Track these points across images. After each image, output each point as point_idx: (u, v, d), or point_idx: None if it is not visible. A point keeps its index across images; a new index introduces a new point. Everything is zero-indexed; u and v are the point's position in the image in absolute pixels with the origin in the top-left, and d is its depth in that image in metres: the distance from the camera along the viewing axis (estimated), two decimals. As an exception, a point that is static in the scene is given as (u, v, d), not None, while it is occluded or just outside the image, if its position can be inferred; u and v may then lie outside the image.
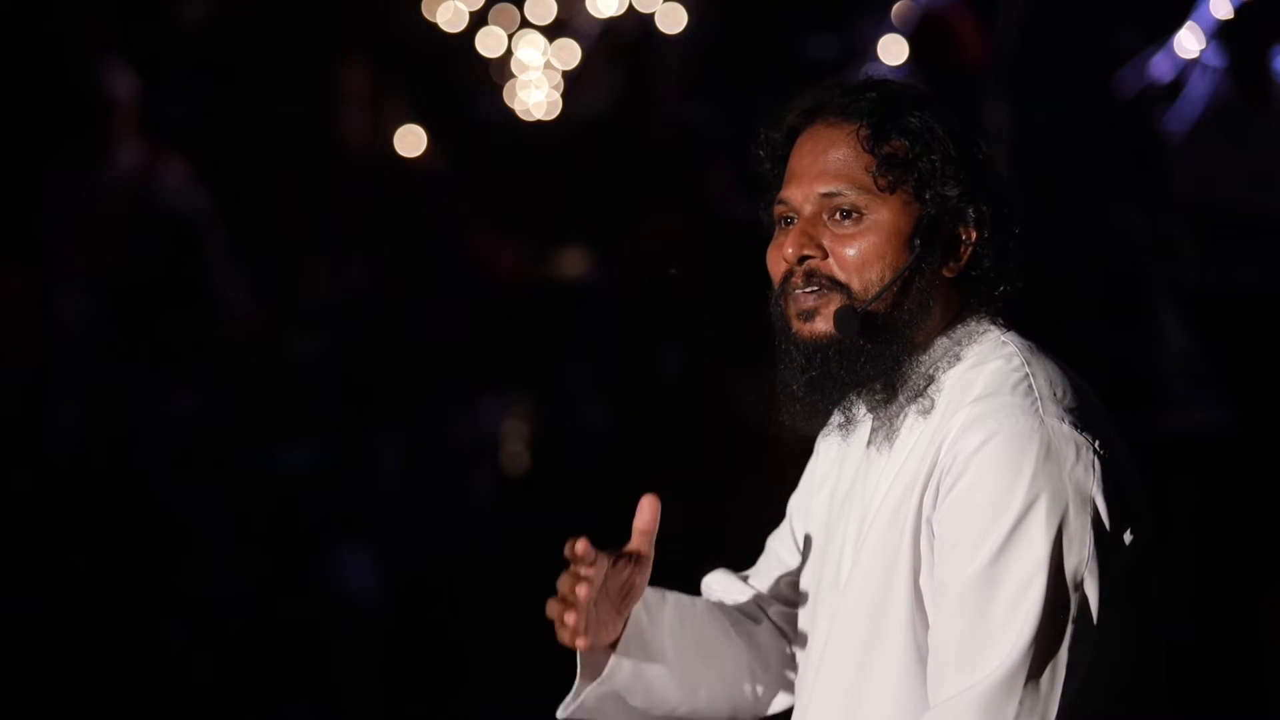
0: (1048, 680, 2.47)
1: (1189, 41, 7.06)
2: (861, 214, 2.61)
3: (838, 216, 2.62)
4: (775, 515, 2.99)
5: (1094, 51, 7.12)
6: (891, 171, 2.60)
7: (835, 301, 2.61)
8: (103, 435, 7.13)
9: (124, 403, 7.16)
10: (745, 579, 2.94)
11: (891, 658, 2.59)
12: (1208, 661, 6.01)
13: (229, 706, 6.58)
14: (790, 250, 2.63)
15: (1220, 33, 7.00)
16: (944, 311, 2.65)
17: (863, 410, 2.69)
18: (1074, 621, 2.47)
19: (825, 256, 2.62)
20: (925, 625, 2.56)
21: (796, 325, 2.64)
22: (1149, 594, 2.58)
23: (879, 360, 2.61)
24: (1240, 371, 6.66)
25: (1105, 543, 2.49)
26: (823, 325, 2.62)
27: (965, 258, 2.63)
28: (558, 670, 7.09)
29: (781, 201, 2.67)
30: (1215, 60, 7.03)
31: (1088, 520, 2.49)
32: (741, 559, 6.94)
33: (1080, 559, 2.48)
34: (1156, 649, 2.62)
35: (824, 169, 2.63)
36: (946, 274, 2.63)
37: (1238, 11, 6.94)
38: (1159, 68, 7.13)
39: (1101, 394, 2.68)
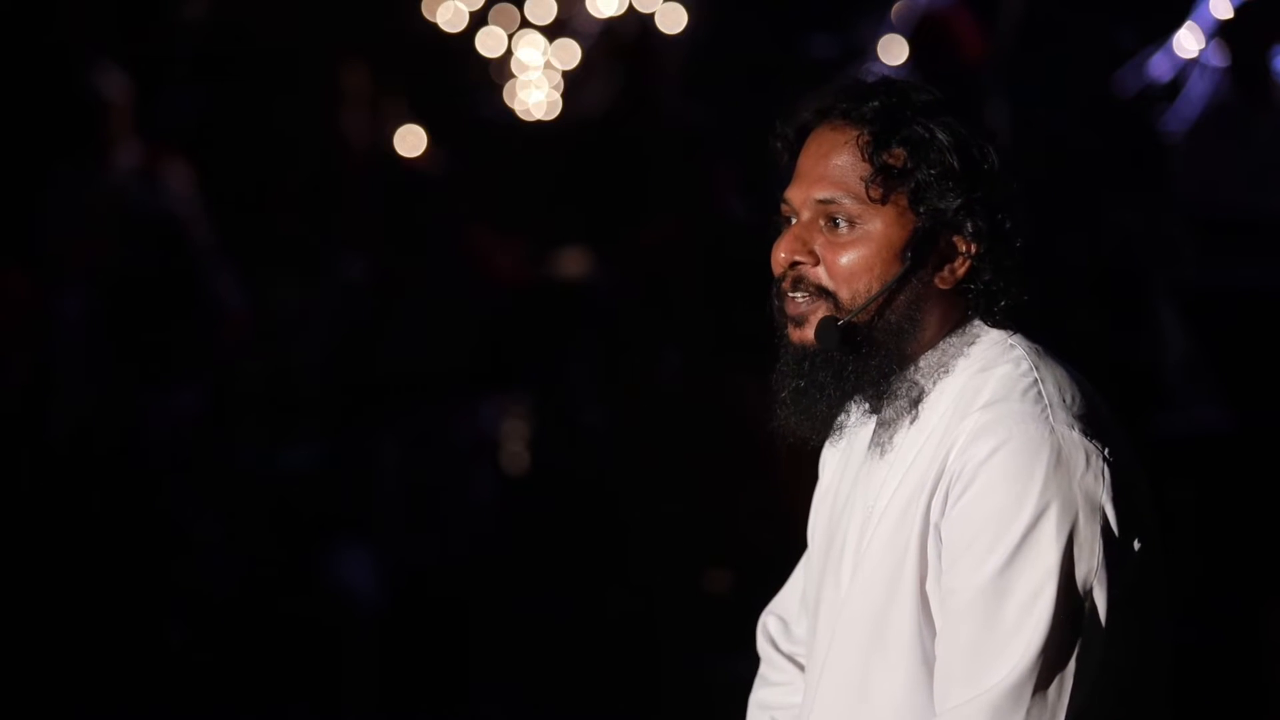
0: (1055, 689, 2.47)
1: (1189, 41, 7.06)
2: (855, 223, 2.60)
3: (833, 224, 2.62)
4: (776, 514, 2.99)
5: (1094, 51, 7.12)
6: (887, 182, 2.58)
7: (822, 309, 2.62)
8: (103, 435, 7.14)
9: (124, 402, 7.16)
10: (787, 624, 2.90)
11: (897, 663, 2.58)
12: (1209, 662, 6.00)
13: (229, 705, 6.58)
14: (782, 255, 2.64)
15: (1220, 33, 7.00)
16: (941, 323, 2.64)
17: (855, 418, 2.69)
18: (1083, 631, 2.48)
19: (816, 263, 2.62)
20: (932, 631, 2.56)
21: (789, 329, 2.65)
22: (1155, 600, 2.58)
23: (865, 371, 2.61)
24: (1240, 371, 6.65)
25: (1114, 551, 2.49)
26: (810, 332, 2.63)
27: (962, 271, 2.61)
28: (557, 670, 7.07)
29: (785, 201, 2.67)
30: (1215, 60, 7.02)
31: (1097, 529, 2.48)
32: (741, 558, 6.92)
33: (1090, 568, 2.48)
34: (1161, 654, 2.62)
35: (823, 174, 2.62)
36: (941, 285, 2.61)
37: (1238, 11, 6.94)
38: (1159, 68, 7.13)
39: (1101, 395, 2.68)
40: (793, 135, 2.68)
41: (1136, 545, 2.52)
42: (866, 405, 2.65)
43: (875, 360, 2.61)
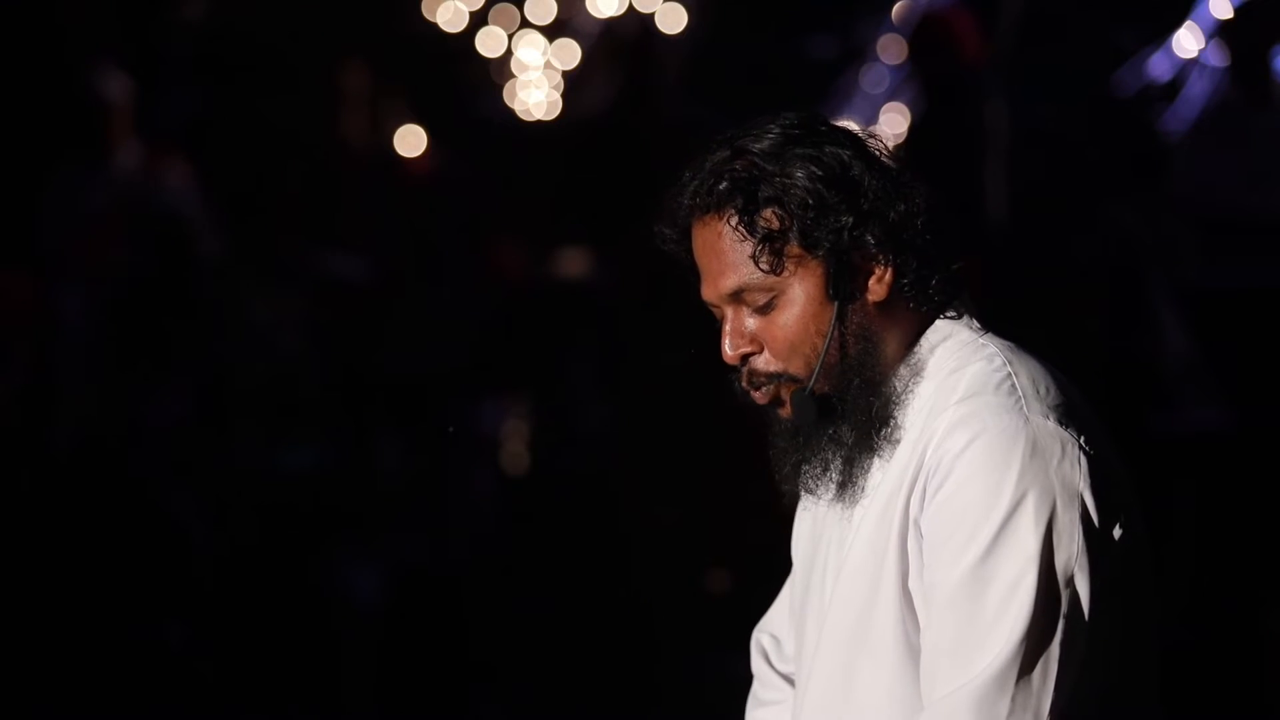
0: (1039, 676, 2.48)
1: (1189, 41, 7.07)
2: (772, 295, 2.61)
3: (755, 307, 2.62)
4: (774, 515, 2.99)
5: (1094, 51, 7.13)
6: (774, 248, 2.57)
7: (787, 386, 2.63)
8: (103, 435, 7.14)
9: (124, 403, 7.17)
10: (779, 641, 2.92)
11: (882, 660, 2.59)
12: (1207, 662, 6.01)
13: (229, 706, 6.59)
14: (730, 353, 2.64)
15: (1220, 33, 7.00)
16: (902, 332, 2.64)
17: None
18: (1065, 618, 2.48)
19: (761, 348, 2.63)
20: (915, 627, 2.57)
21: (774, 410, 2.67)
22: (1141, 589, 2.59)
23: (855, 416, 2.62)
24: (1240, 371, 6.66)
25: (1094, 538, 2.50)
26: (789, 410, 2.64)
27: (889, 276, 2.61)
28: (557, 671, 7.07)
29: (703, 298, 2.67)
30: (1215, 60, 7.03)
31: (1076, 516, 2.49)
32: (741, 558, 6.91)
33: (1070, 555, 2.49)
34: (1148, 644, 2.63)
35: (719, 269, 2.61)
36: (876, 300, 2.62)
37: (1238, 11, 6.94)
38: (1159, 68, 7.13)
39: (1102, 394, 2.68)
40: (676, 234, 2.67)
41: (1117, 532, 2.53)
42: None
43: (861, 402, 2.62)
